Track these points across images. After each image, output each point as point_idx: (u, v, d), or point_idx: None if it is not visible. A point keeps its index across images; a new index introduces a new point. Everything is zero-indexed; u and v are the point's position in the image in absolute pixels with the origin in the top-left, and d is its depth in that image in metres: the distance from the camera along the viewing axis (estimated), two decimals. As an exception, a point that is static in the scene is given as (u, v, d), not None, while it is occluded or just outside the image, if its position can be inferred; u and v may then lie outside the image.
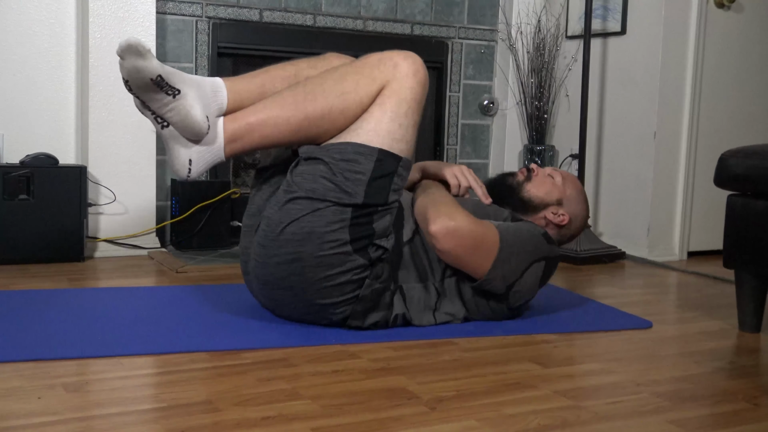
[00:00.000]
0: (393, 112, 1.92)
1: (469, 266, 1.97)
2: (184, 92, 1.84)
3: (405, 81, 1.93)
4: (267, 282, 1.95)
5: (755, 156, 2.06)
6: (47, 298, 2.19)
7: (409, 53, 1.97)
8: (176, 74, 1.84)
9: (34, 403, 1.42)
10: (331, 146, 1.91)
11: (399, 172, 1.93)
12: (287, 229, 1.88)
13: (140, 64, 1.77)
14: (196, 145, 1.89)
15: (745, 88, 3.44)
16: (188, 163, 1.90)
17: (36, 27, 2.95)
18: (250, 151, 2.01)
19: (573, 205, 2.26)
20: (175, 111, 1.84)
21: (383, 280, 1.94)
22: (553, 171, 2.29)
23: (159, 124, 1.87)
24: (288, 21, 3.30)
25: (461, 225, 1.94)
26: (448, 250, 1.94)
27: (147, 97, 1.83)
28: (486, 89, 3.79)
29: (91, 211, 2.90)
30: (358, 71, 1.94)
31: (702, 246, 3.42)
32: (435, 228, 1.93)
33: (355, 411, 1.44)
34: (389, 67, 1.93)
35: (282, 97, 1.92)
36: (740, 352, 1.97)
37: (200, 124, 1.86)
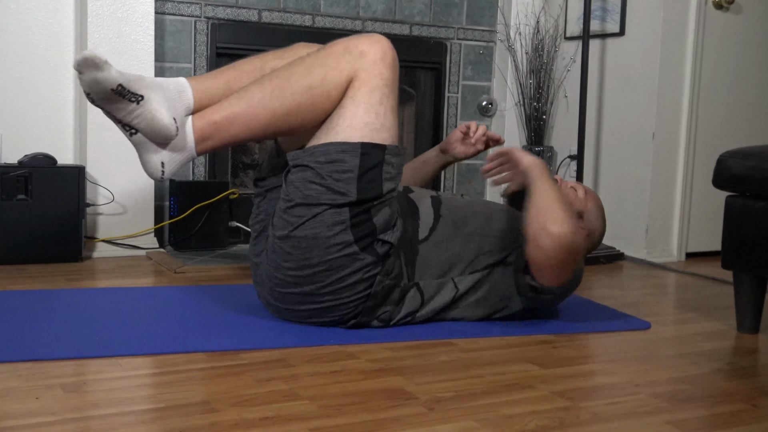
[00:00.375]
0: (366, 103, 1.90)
1: (549, 274, 1.94)
2: (147, 97, 1.82)
3: (373, 68, 1.90)
4: (278, 286, 1.96)
5: (754, 157, 2.07)
6: (45, 298, 2.19)
7: (375, 36, 1.94)
8: (137, 80, 1.82)
9: (32, 404, 1.42)
10: (315, 149, 1.90)
11: (387, 160, 1.92)
12: (292, 236, 1.89)
13: (99, 75, 1.76)
14: (167, 148, 1.87)
15: (743, 89, 3.45)
16: (161, 165, 1.88)
17: (35, 27, 2.95)
18: (224, 147, 2.00)
19: (593, 219, 2.25)
20: (141, 117, 1.82)
21: (394, 276, 1.94)
22: (576, 184, 2.29)
23: (127, 132, 1.85)
24: (287, 21, 3.30)
25: (577, 243, 1.91)
26: (553, 257, 1.88)
27: (111, 108, 1.81)
28: (484, 90, 3.80)
29: (89, 211, 2.90)
30: (323, 63, 1.91)
31: (700, 247, 3.42)
32: (557, 230, 1.86)
33: (354, 411, 1.44)
34: (355, 56, 1.90)
35: (248, 94, 1.90)
36: (738, 353, 1.97)
37: (167, 127, 1.84)
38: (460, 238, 2.06)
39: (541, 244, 1.88)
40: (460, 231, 2.07)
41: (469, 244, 2.06)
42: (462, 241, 2.06)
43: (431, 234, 2.04)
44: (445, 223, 2.07)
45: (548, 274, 1.94)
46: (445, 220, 2.08)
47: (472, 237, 2.07)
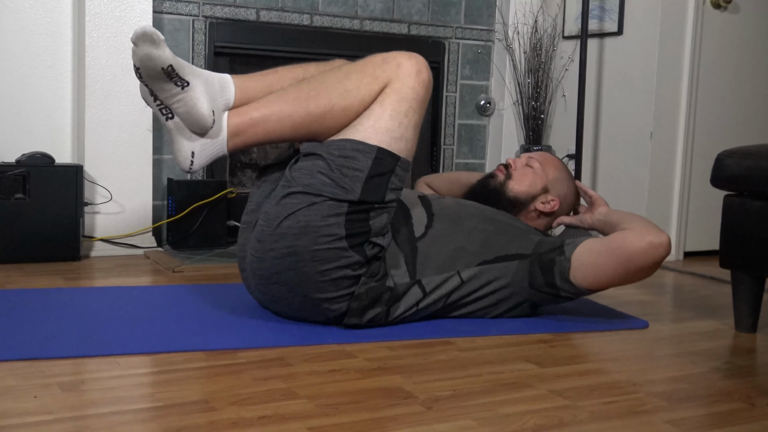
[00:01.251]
0: (393, 110, 1.92)
1: (610, 279, 2.02)
2: (192, 84, 1.86)
3: (407, 80, 1.94)
4: (263, 277, 1.95)
5: (752, 156, 2.07)
6: (43, 297, 2.19)
7: (414, 54, 1.98)
8: (187, 66, 1.87)
9: (30, 402, 1.42)
10: (331, 143, 1.92)
11: (397, 171, 1.93)
12: (284, 223, 1.89)
13: (153, 52, 1.80)
14: (200, 138, 1.91)
15: (741, 89, 3.45)
16: (191, 155, 1.91)
17: (32, 26, 2.95)
18: (254, 146, 2.03)
19: (558, 186, 2.28)
20: (182, 102, 1.86)
21: (379, 278, 1.94)
22: (528, 158, 2.31)
23: (164, 116, 1.89)
24: (285, 20, 3.30)
25: (660, 258, 1.99)
26: (651, 263, 1.98)
27: (156, 86, 1.85)
28: (483, 89, 3.80)
29: (87, 210, 2.90)
30: (361, 70, 1.95)
31: (698, 246, 3.43)
32: (664, 239, 1.97)
33: (352, 410, 1.44)
34: (392, 66, 1.94)
35: (286, 94, 1.94)
36: (736, 353, 1.97)
37: (205, 117, 1.88)
38: (461, 233, 2.07)
39: (646, 253, 1.96)
40: (459, 227, 2.08)
41: (473, 237, 2.07)
42: (464, 235, 2.07)
43: (427, 231, 2.05)
44: (440, 220, 2.08)
45: (605, 278, 2.01)
46: (440, 218, 2.09)
47: (473, 231, 2.08)
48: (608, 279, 2.01)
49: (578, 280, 2.02)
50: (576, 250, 2.03)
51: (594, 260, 2.00)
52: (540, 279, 2.04)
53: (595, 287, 2.03)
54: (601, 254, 2.00)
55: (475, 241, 2.07)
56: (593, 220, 2.20)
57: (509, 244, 2.08)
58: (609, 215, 2.17)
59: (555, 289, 2.04)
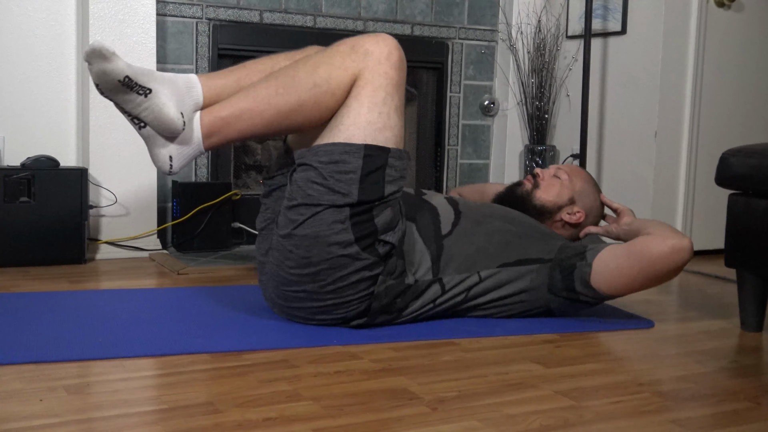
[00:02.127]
0: (370, 102, 1.90)
1: (631, 284, 2.02)
2: (155, 90, 1.85)
3: (378, 68, 1.91)
4: (283, 283, 1.96)
5: (756, 155, 2.06)
6: (48, 300, 2.19)
7: (381, 35, 1.94)
8: (146, 73, 1.85)
9: (36, 405, 1.42)
10: (319, 149, 1.91)
11: (390, 163, 1.92)
12: (293, 236, 1.89)
13: (107, 66, 1.79)
14: (174, 142, 1.90)
15: (745, 87, 3.44)
16: (169, 159, 1.91)
17: (36, 29, 2.95)
18: (230, 143, 2.03)
19: (584, 198, 2.29)
20: (149, 110, 1.85)
21: (397, 275, 1.95)
22: (557, 170, 2.31)
23: (136, 125, 1.89)
24: (288, 22, 3.30)
25: (683, 262, 1.99)
26: (674, 267, 1.98)
27: (119, 99, 1.85)
28: (486, 89, 3.79)
29: (92, 213, 2.90)
30: (329, 61, 1.92)
31: (703, 245, 3.42)
32: (686, 243, 1.96)
33: (357, 412, 1.44)
34: (360, 55, 1.91)
35: (255, 91, 1.92)
36: (742, 352, 1.97)
37: (174, 121, 1.87)
38: (483, 234, 2.07)
39: (668, 256, 1.96)
40: (482, 227, 2.09)
41: (494, 239, 2.07)
42: (485, 236, 2.07)
43: (454, 229, 2.06)
44: (466, 219, 2.09)
45: (627, 282, 2.01)
46: (466, 216, 2.10)
47: (495, 234, 2.08)
48: (630, 283, 2.01)
49: (599, 285, 2.02)
50: (598, 255, 2.03)
51: (616, 265, 2.00)
52: (560, 284, 2.04)
53: (617, 292, 2.03)
54: (622, 258, 2.00)
55: (496, 242, 2.07)
56: (619, 230, 2.20)
57: (530, 248, 2.08)
58: (633, 224, 2.17)
59: (575, 293, 2.04)
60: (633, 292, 2.05)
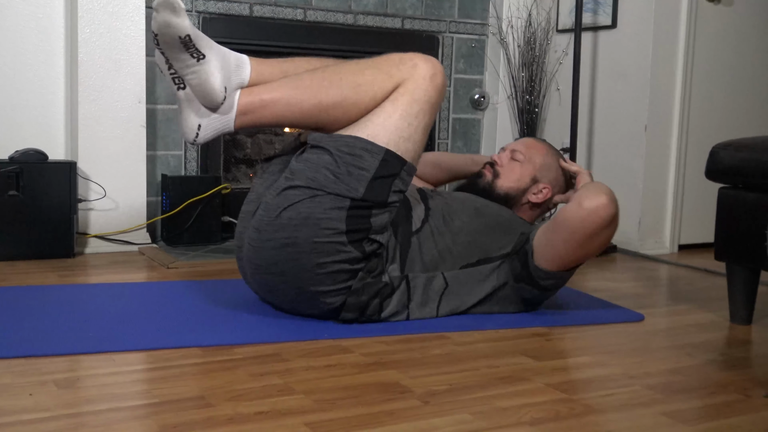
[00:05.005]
0: (404, 110, 1.93)
1: (566, 255, 1.97)
2: (208, 58, 1.87)
3: (421, 82, 1.94)
4: (259, 266, 1.95)
5: (746, 149, 2.07)
6: (37, 294, 2.18)
7: (431, 58, 1.99)
8: (205, 39, 1.87)
9: (26, 400, 1.41)
10: (340, 138, 1.92)
11: (402, 175, 1.94)
12: (284, 214, 1.88)
13: (173, 20, 1.80)
14: (209, 113, 1.91)
15: (735, 81, 3.45)
16: (197, 128, 1.92)
17: (24, 22, 2.93)
18: (260, 126, 2.03)
19: (547, 172, 2.28)
20: (196, 74, 1.86)
21: (376, 274, 1.94)
22: (512, 151, 2.29)
23: (176, 85, 1.89)
24: (278, 15, 3.29)
25: (609, 218, 1.93)
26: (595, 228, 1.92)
27: (172, 55, 1.85)
28: (477, 83, 3.79)
29: (81, 207, 2.89)
30: (376, 66, 1.96)
31: (693, 239, 3.43)
32: (602, 200, 1.92)
33: (348, 405, 1.44)
34: (408, 66, 1.95)
35: (300, 80, 1.94)
36: (732, 344, 1.97)
37: (217, 92, 1.88)
38: (450, 233, 2.06)
39: (595, 214, 1.91)
40: (450, 225, 2.08)
41: (459, 238, 2.06)
42: (451, 235, 2.06)
43: (423, 226, 2.05)
44: (434, 216, 2.08)
45: (561, 254, 1.97)
46: (435, 213, 2.09)
47: (460, 232, 2.07)
48: (564, 255, 1.98)
49: (541, 263, 2.01)
50: (536, 234, 2.03)
51: (546, 240, 2.00)
52: (520, 271, 2.05)
53: (558, 266, 2.00)
54: (549, 231, 1.99)
55: (461, 242, 2.06)
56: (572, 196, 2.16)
57: (492, 245, 2.08)
58: (581, 189, 2.10)
59: (533, 279, 2.04)
60: (573, 263, 2.01)
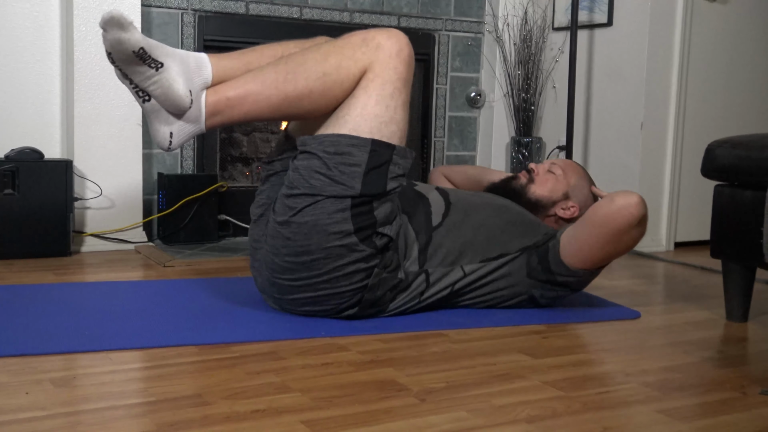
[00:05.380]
0: (378, 95, 1.91)
1: (594, 251, 2.00)
2: (167, 65, 1.85)
3: (388, 62, 1.92)
4: (276, 271, 1.96)
5: (742, 146, 2.07)
6: (34, 293, 2.18)
7: (393, 31, 1.95)
8: (160, 47, 1.85)
9: (22, 398, 1.41)
10: (324, 138, 1.91)
11: (394, 160, 1.93)
12: (292, 222, 1.89)
13: (122, 36, 1.78)
14: (178, 120, 1.89)
15: (731, 79, 3.46)
16: (169, 135, 1.90)
17: (20, 20, 2.93)
18: (232, 124, 2.02)
19: (578, 193, 2.30)
20: (157, 84, 1.84)
21: (392, 269, 1.95)
22: (551, 165, 2.32)
23: (140, 98, 1.88)
24: (274, 13, 3.29)
25: (637, 217, 1.96)
26: (626, 224, 1.95)
27: (130, 70, 1.84)
28: (473, 81, 3.79)
29: (77, 206, 2.88)
30: (340, 51, 1.92)
31: (689, 236, 3.44)
32: (634, 199, 1.95)
33: (345, 403, 1.44)
34: (372, 48, 1.92)
35: (263, 74, 1.92)
36: (728, 342, 1.98)
37: (182, 98, 1.86)
38: (470, 227, 2.08)
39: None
40: (471, 219, 2.09)
41: (480, 232, 2.07)
42: (472, 229, 2.07)
43: (444, 220, 2.06)
44: (456, 210, 2.10)
45: (589, 250, 1.99)
46: (456, 207, 2.10)
47: (482, 226, 2.09)
48: (592, 250, 2.00)
49: (568, 258, 2.02)
50: (565, 230, 2.06)
51: (575, 235, 2.02)
52: (537, 266, 2.05)
53: (585, 263, 2.02)
54: (580, 227, 2.02)
55: (481, 236, 2.08)
56: None
57: (514, 241, 2.09)
58: None
59: (551, 274, 2.05)
60: (601, 261, 2.03)
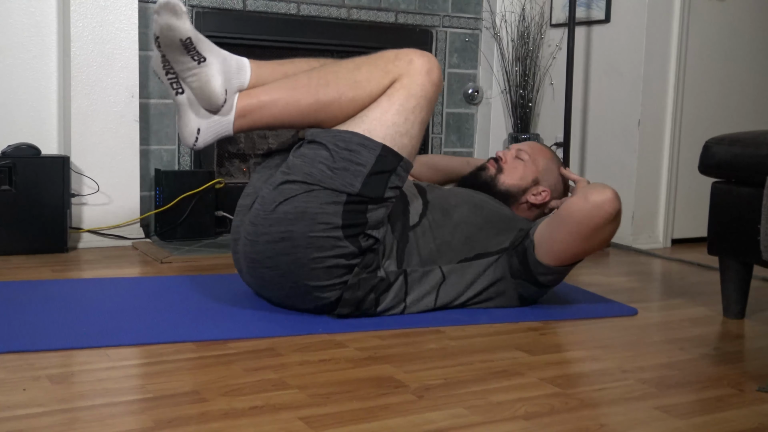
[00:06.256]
0: (401, 105, 1.94)
1: (568, 249, 1.97)
2: (209, 61, 1.89)
3: (417, 77, 1.95)
4: (255, 260, 1.95)
5: (739, 143, 2.07)
6: (31, 289, 2.18)
7: (426, 53, 2.00)
8: (206, 42, 1.89)
9: (19, 395, 1.41)
10: (337, 133, 1.92)
11: (398, 171, 1.94)
12: (280, 208, 1.89)
13: (174, 22, 1.81)
14: (209, 116, 1.93)
15: (728, 76, 3.46)
16: (196, 132, 1.93)
17: (16, 15, 2.92)
18: (259, 129, 2.05)
19: (548, 176, 2.29)
20: (196, 77, 1.88)
21: (371, 270, 1.94)
22: (518, 151, 2.30)
23: (174, 90, 1.91)
24: (271, 9, 3.28)
25: (612, 213, 1.94)
26: (601, 222, 1.93)
27: (173, 58, 1.87)
28: (470, 78, 3.79)
29: (74, 202, 2.88)
30: (373, 63, 1.97)
31: (686, 233, 3.44)
32: (607, 195, 1.93)
33: (343, 400, 1.44)
34: (404, 62, 1.96)
35: (296, 79, 1.96)
36: (725, 339, 1.98)
37: (217, 95, 1.90)
38: (448, 226, 2.07)
39: (606, 208, 1.93)
40: (449, 218, 2.08)
41: (458, 232, 2.07)
42: (450, 229, 2.07)
43: (421, 220, 2.06)
44: (433, 209, 2.09)
45: (564, 248, 1.97)
46: (434, 206, 2.10)
47: (459, 225, 2.08)
48: (567, 248, 1.98)
49: (543, 257, 2.00)
50: (537, 229, 2.03)
51: (549, 233, 2.00)
52: (518, 267, 2.05)
53: (561, 261, 2.00)
54: (553, 225, 2.00)
55: (459, 236, 2.07)
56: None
57: (491, 240, 2.08)
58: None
59: (532, 275, 2.04)
60: (575, 258, 2.01)
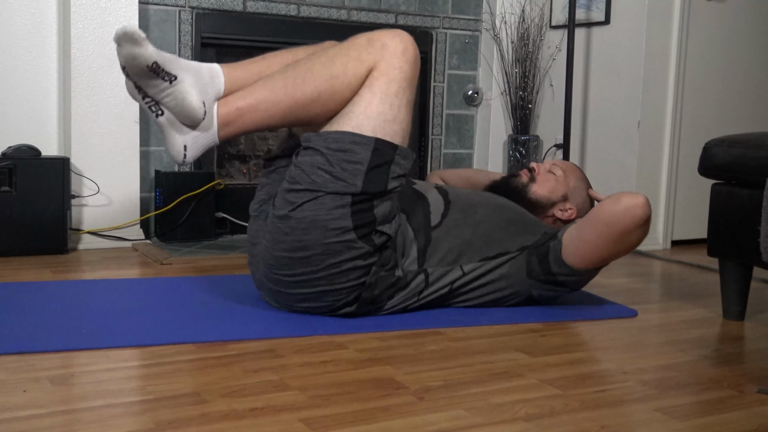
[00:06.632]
0: (382, 93, 1.93)
1: (598, 251, 2.00)
2: (180, 78, 1.87)
3: (393, 61, 1.94)
4: (273, 267, 1.96)
5: (739, 145, 2.07)
6: (31, 290, 2.18)
7: (398, 31, 1.98)
8: (173, 60, 1.87)
9: (20, 397, 1.41)
10: (328, 135, 1.92)
11: (396, 160, 1.94)
12: (291, 217, 1.89)
13: (136, 51, 1.81)
14: (192, 131, 1.91)
15: (728, 78, 3.46)
16: (183, 149, 1.92)
17: (17, 17, 2.92)
18: (246, 133, 2.05)
19: (577, 195, 2.32)
20: (171, 96, 1.87)
21: (389, 268, 1.95)
22: (552, 165, 2.33)
23: (153, 113, 1.90)
24: (272, 11, 3.28)
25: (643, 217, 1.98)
26: (632, 225, 1.96)
27: (144, 83, 1.86)
28: (470, 79, 3.79)
29: (74, 203, 2.88)
30: (346, 53, 1.95)
31: (686, 235, 3.44)
32: (640, 200, 1.96)
33: (343, 401, 1.44)
34: (377, 48, 1.94)
35: (272, 81, 1.94)
36: (725, 340, 1.98)
37: (196, 110, 1.88)
38: (469, 226, 2.08)
39: (637, 212, 1.96)
40: (470, 218, 2.09)
41: (479, 231, 2.08)
42: (471, 228, 2.08)
43: (443, 220, 2.07)
44: (455, 209, 2.10)
45: (593, 249, 1.99)
46: (455, 206, 2.11)
47: (480, 224, 2.09)
48: (596, 250, 2.00)
49: (570, 258, 2.02)
50: (567, 230, 2.06)
51: (579, 235, 2.02)
52: (537, 267, 2.05)
53: (588, 263, 2.03)
54: (584, 227, 2.02)
55: (480, 235, 2.08)
56: None
57: (513, 240, 2.09)
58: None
59: (552, 275, 2.05)
60: (603, 260, 2.03)
